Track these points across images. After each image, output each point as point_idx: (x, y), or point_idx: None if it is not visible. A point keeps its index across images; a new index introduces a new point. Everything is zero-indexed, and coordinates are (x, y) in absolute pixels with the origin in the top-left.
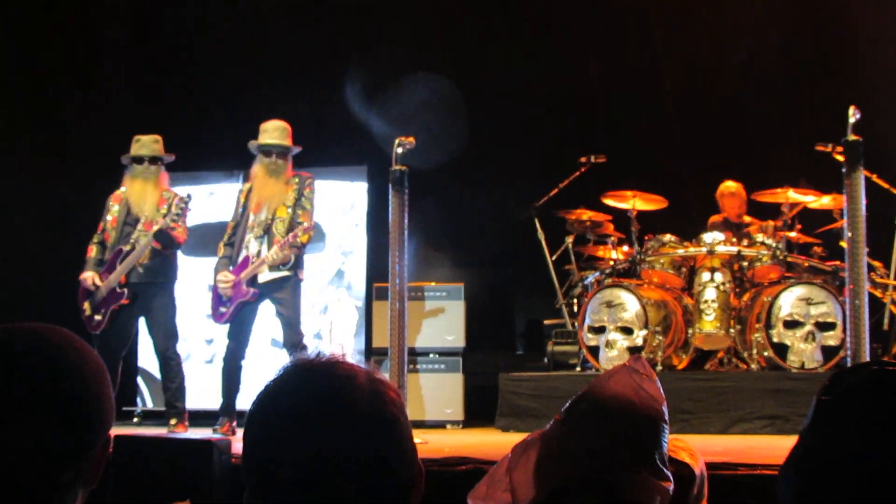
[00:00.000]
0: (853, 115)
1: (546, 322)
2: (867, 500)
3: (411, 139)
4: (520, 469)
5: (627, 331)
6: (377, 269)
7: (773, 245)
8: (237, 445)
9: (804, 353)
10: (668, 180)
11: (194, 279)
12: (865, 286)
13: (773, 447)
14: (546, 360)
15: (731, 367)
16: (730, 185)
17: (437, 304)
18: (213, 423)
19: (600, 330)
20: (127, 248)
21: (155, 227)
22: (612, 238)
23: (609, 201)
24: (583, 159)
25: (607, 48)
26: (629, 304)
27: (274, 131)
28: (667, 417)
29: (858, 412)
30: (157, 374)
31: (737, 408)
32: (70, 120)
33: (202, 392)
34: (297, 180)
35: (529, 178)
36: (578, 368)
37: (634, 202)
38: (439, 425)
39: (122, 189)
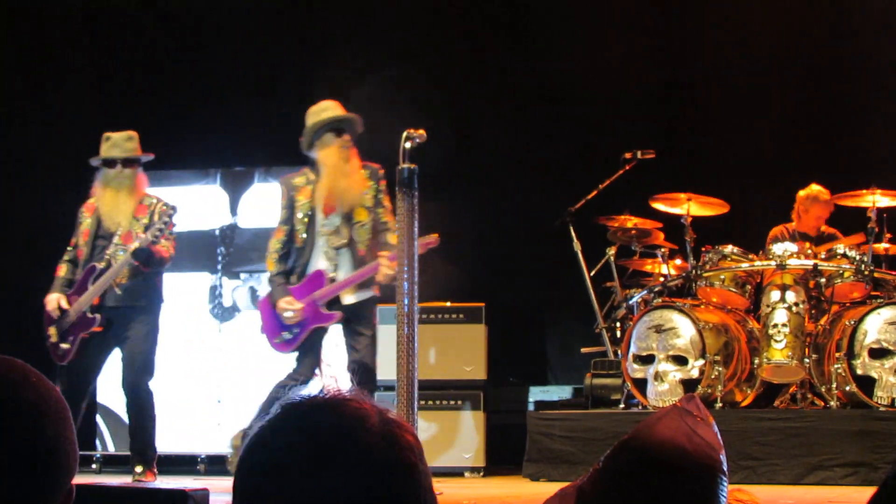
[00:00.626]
0: None
1: (583, 350)
2: None
3: (422, 131)
4: None
5: (681, 360)
6: (382, 287)
7: (857, 258)
8: (215, 497)
9: (895, 387)
10: (730, 181)
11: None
12: None
13: (856, 501)
14: (584, 395)
15: (805, 403)
16: (818, 190)
17: (453, 328)
18: (186, 469)
19: (648, 360)
20: (101, 265)
21: (134, 244)
22: (663, 250)
23: (659, 206)
24: (628, 155)
25: (657, 29)
26: (682, 329)
27: (336, 107)
28: (725, 468)
29: None
30: (122, 413)
31: (813, 453)
32: (28, 123)
33: (172, 434)
34: (368, 173)
35: (564, 177)
36: (622, 405)
37: (689, 207)
38: (456, 473)
39: (93, 198)
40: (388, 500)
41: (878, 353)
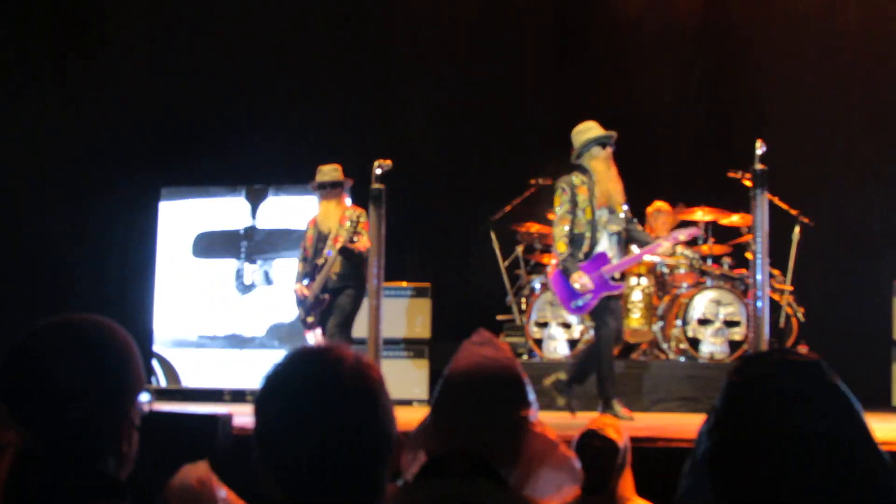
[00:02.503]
0: (760, 148)
1: (499, 317)
2: (770, 459)
3: (388, 161)
4: (413, 440)
5: (567, 326)
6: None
7: (691, 255)
8: (238, 419)
9: (714, 345)
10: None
11: (205, 279)
12: (767, 291)
13: (686, 424)
14: None
15: (652, 357)
16: (660, 205)
17: (407, 300)
18: (214, 399)
19: (544, 325)
20: (320, 262)
21: (338, 245)
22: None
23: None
24: (532, 181)
25: (559, 83)
26: None
27: (599, 127)
28: (519, 371)
29: (764, 390)
30: (170, 359)
31: (657, 391)
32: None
33: (203, 371)
34: None
35: (487, 195)
36: (525, 357)
37: None
38: (407, 402)
39: (315, 214)
40: (359, 419)
41: (703, 322)
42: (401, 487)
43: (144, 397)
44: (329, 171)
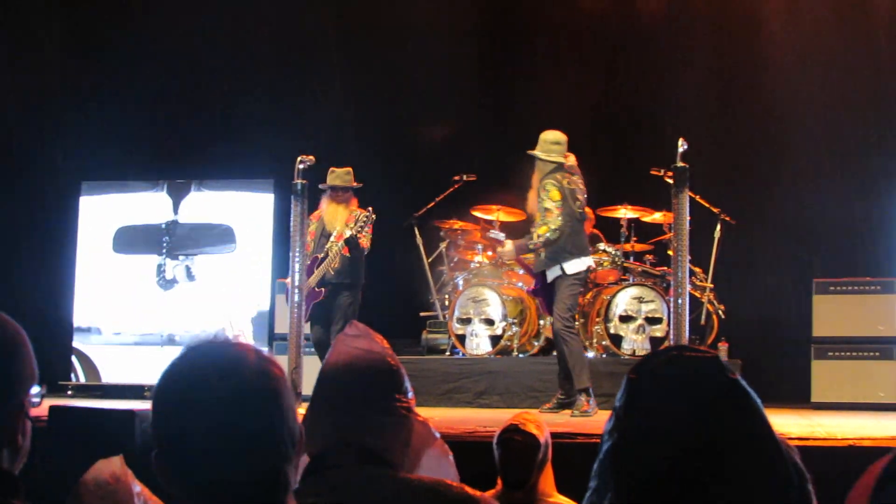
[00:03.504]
0: (682, 146)
1: (422, 314)
2: (663, 454)
3: (311, 157)
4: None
5: (489, 322)
6: (280, 267)
7: (613, 252)
8: None
9: (635, 342)
10: (526, 198)
11: (126, 274)
12: (687, 288)
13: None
14: (421, 346)
15: None
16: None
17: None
18: (135, 395)
19: (467, 321)
20: (321, 255)
21: (345, 236)
22: (480, 245)
23: (477, 213)
24: (456, 177)
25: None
26: (491, 300)
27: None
28: (393, 361)
29: (660, 387)
30: (90, 355)
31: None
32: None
33: (124, 367)
34: None
35: (411, 191)
36: (448, 353)
37: (498, 214)
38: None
39: (321, 209)
40: (260, 417)
41: (625, 319)
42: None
43: (35, 390)
44: (342, 175)
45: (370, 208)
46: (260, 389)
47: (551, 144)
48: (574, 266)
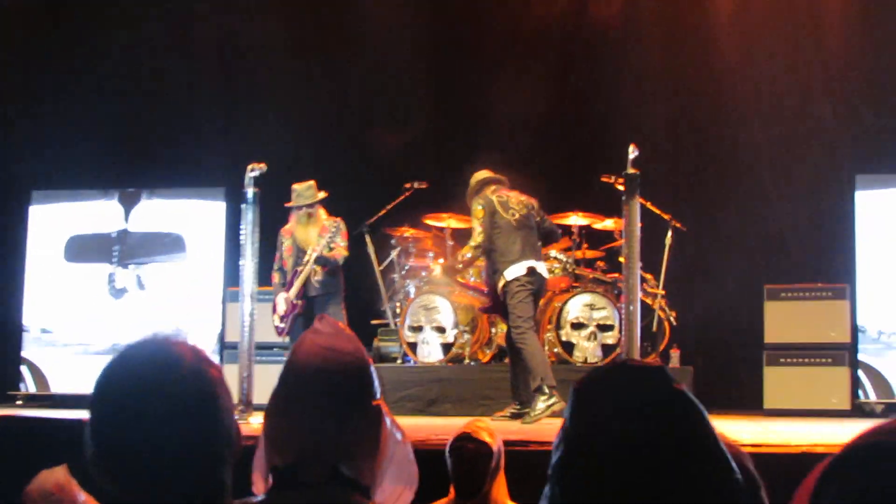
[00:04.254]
0: (633, 152)
1: (373, 322)
2: (609, 466)
3: (263, 165)
4: (258, 452)
5: (441, 330)
6: (231, 276)
7: (564, 259)
8: None
9: (587, 350)
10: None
11: (77, 283)
12: (638, 295)
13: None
14: (372, 354)
15: None
16: None
17: None
18: (86, 405)
19: (418, 329)
20: (300, 269)
21: (314, 254)
22: (431, 252)
23: (429, 221)
24: (407, 185)
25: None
26: (443, 308)
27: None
28: (365, 363)
29: (605, 398)
30: (40, 364)
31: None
32: None
33: (75, 375)
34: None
35: (363, 199)
36: (399, 361)
37: (450, 222)
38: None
39: (290, 225)
40: (196, 419)
41: (577, 326)
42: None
43: None
44: (304, 192)
45: (339, 218)
46: (197, 390)
47: (476, 182)
48: (513, 271)
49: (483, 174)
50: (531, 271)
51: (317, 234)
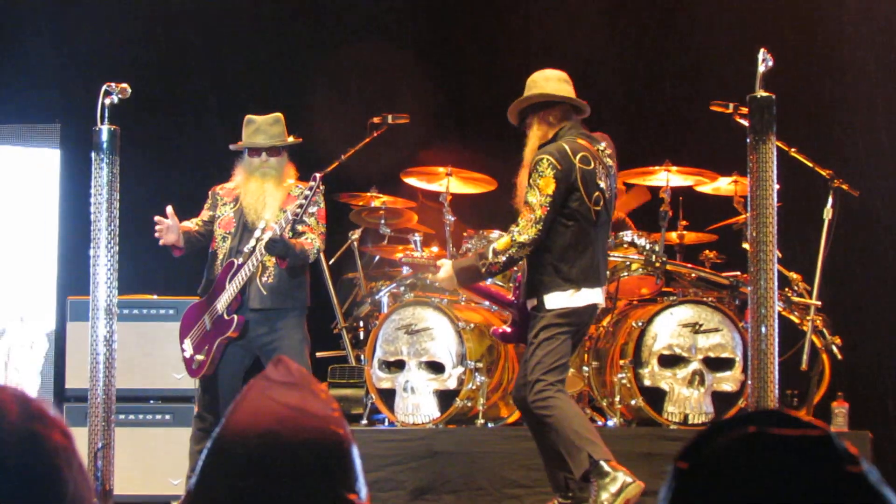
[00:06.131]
0: (763, 62)
1: (319, 354)
2: None
3: (125, 85)
4: None
5: (436, 367)
6: (74, 275)
7: (647, 247)
8: None
9: (688, 401)
10: (499, 152)
11: None
12: (776, 307)
13: None
14: None
15: None
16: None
17: (160, 326)
18: None
19: (397, 366)
20: (239, 261)
21: (266, 234)
22: (417, 234)
23: (412, 180)
24: (376, 120)
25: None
26: (439, 330)
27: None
28: (341, 432)
29: (724, 486)
30: None
31: None
32: None
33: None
34: None
35: (308, 143)
36: (364, 421)
37: (448, 182)
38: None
39: (233, 183)
40: (27, 484)
41: (670, 361)
42: None
43: None
44: (266, 127)
45: (316, 175)
46: (23, 470)
47: (557, 83)
48: (562, 299)
49: (560, 84)
50: (593, 307)
51: (277, 205)
